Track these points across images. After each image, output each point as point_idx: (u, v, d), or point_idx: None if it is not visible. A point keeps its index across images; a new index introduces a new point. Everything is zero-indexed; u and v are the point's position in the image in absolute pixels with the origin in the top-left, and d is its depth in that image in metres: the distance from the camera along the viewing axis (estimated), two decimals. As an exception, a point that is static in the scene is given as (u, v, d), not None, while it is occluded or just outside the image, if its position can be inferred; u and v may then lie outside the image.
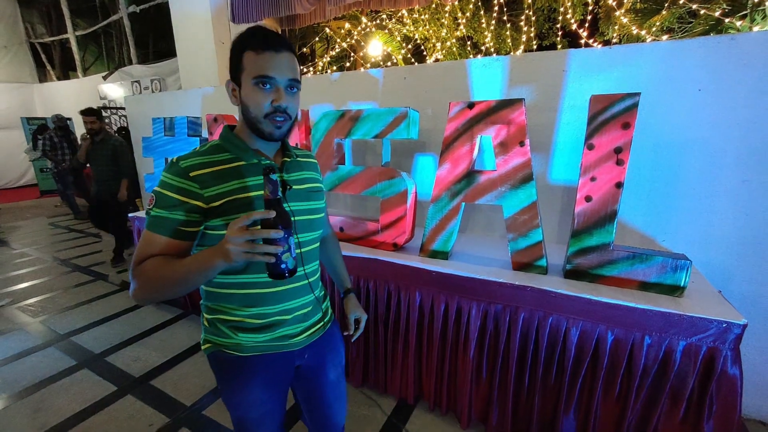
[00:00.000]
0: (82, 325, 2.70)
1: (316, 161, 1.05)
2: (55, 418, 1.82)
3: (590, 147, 1.42)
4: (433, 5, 5.98)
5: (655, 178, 1.78)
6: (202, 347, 0.96)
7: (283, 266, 0.72)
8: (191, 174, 0.79)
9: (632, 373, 1.35)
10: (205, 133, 2.71)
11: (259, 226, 0.70)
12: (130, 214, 2.91)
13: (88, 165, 3.69)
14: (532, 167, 1.54)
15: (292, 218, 0.80)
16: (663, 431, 1.35)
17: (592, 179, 1.43)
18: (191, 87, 4.46)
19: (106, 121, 6.42)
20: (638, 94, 1.34)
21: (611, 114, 1.38)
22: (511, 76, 1.98)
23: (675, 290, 1.38)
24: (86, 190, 5.93)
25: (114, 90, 7.31)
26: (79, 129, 8.07)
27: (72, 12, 8.21)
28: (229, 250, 0.69)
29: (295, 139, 2.13)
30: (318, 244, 1.00)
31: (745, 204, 1.64)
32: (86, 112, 3.45)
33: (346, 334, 1.12)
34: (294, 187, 0.90)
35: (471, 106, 1.61)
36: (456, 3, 5.70)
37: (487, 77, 2.05)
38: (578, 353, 1.43)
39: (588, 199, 1.45)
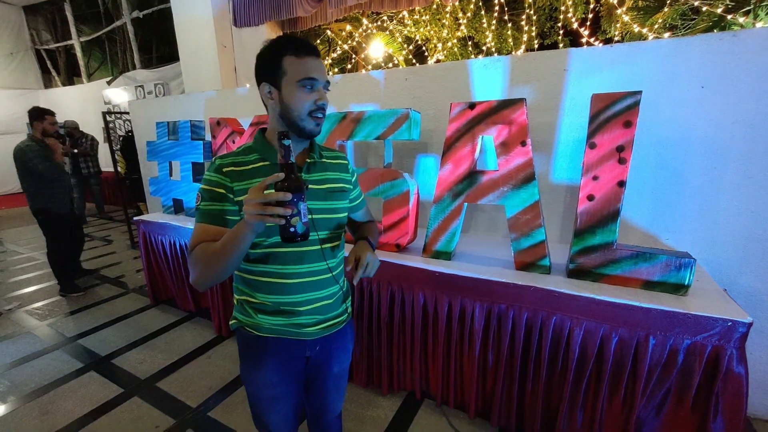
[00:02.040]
0: (89, 328, 2.73)
1: (346, 162, 1.09)
2: (63, 421, 1.84)
3: (592, 146, 1.42)
4: (434, 6, 5.99)
5: (658, 176, 1.77)
6: (230, 323, 1.06)
7: (292, 230, 0.75)
8: (224, 170, 0.90)
9: (637, 372, 1.35)
10: (208, 137, 2.73)
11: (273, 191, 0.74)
12: (134, 218, 2.93)
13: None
14: (534, 167, 1.54)
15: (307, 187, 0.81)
16: (669, 430, 1.34)
17: (595, 178, 1.43)
18: (194, 91, 4.49)
19: (111, 126, 6.47)
20: (639, 92, 1.34)
21: (613, 112, 1.37)
22: (512, 76, 1.98)
23: (679, 289, 1.37)
24: (95, 196, 6.00)
25: (118, 95, 7.37)
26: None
27: (76, 18, 8.28)
28: (245, 212, 0.74)
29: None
30: (339, 242, 1.04)
31: (750, 201, 1.63)
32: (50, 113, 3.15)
33: (348, 269, 1.02)
34: (312, 186, 0.95)
35: (472, 106, 1.61)
36: (457, 3, 5.70)
37: (488, 77, 2.05)
38: (582, 353, 1.43)
39: (590, 198, 1.44)
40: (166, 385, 2.09)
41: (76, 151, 5.45)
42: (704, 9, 3.95)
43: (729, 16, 3.54)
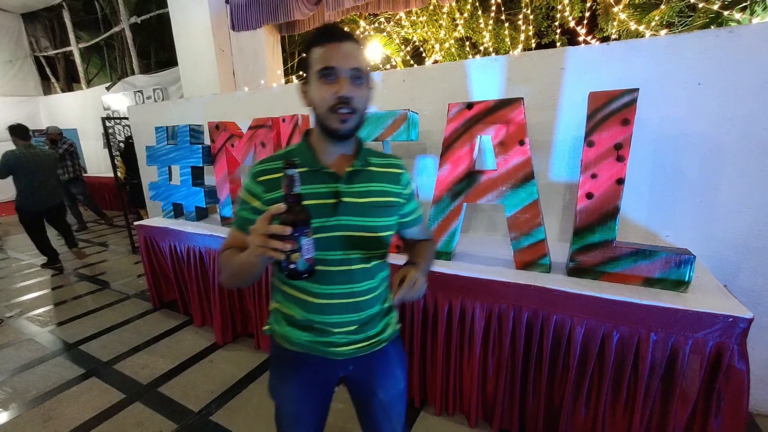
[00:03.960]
0: (90, 333, 2.73)
1: (400, 171, 0.94)
2: (66, 427, 1.84)
3: (590, 144, 1.42)
4: (431, 7, 6.00)
5: (657, 174, 1.77)
6: (264, 328, 1.01)
7: (292, 266, 0.68)
8: (258, 179, 0.85)
9: (639, 369, 1.34)
10: (207, 141, 2.73)
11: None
12: (135, 223, 2.93)
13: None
14: (533, 166, 1.54)
15: (313, 220, 0.74)
16: (671, 427, 1.34)
17: (593, 176, 1.43)
18: (193, 95, 4.50)
19: (110, 131, 6.47)
20: (637, 89, 1.34)
21: (610, 110, 1.38)
22: (510, 76, 1.99)
23: (680, 285, 1.37)
24: (93, 203, 5.99)
25: (117, 100, 7.39)
26: (84, 140, 8.19)
27: (75, 25, 8.30)
28: (250, 242, 0.70)
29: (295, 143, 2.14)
30: (375, 263, 0.90)
31: (749, 196, 1.63)
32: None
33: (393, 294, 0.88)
34: (348, 199, 0.84)
35: (470, 106, 1.62)
36: (454, 4, 5.71)
37: (486, 77, 2.05)
38: (584, 351, 1.43)
39: (589, 196, 1.45)
40: (168, 390, 2.09)
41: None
42: (701, 6, 3.95)
43: (726, 13, 3.55)
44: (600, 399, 1.43)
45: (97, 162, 8.24)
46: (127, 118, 4.26)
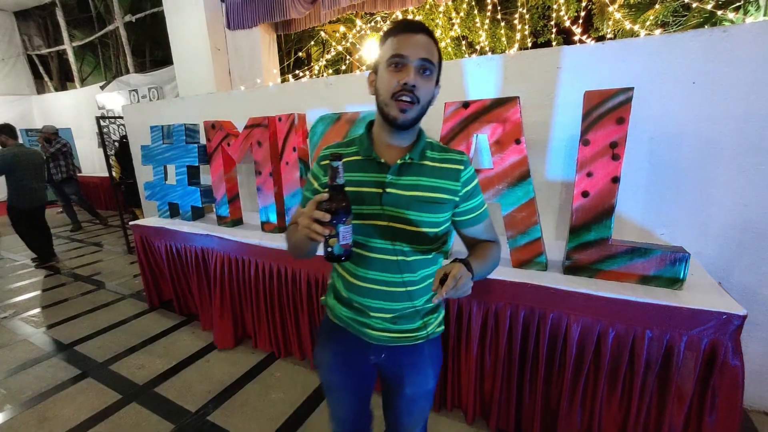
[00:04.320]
0: (86, 334, 2.71)
1: (459, 168, 0.90)
2: (61, 428, 1.83)
3: (586, 143, 1.43)
4: (427, 6, 6.00)
5: (652, 172, 1.78)
6: (321, 298, 1.11)
7: (329, 249, 0.76)
8: (321, 163, 0.94)
9: (634, 366, 1.36)
10: (202, 140, 2.72)
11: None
12: (131, 222, 2.92)
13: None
14: (529, 164, 1.54)
15: (351, 208, 0.77)
16: (666, 424, 1.35)
17: (589, 175, 1.44)
18: (188, 94, 4.48)
19: (105, 130, 6.43)
20: (632, 88, 1.35)
21: (606, 109, 1.38)
22: (506, 75, 1.99)
23: (674, 283, 1.38)
24: (87, 203, 5.95)
25: (112, 99, 7.33)
26: (78, 139, 8.12)
27: (68, 23, 8.23)
28: (299, 222, 0.77)
29: (292, 142, 2.14)
30: (417, 258, 0.90)
31: (742, 195, 1.64)
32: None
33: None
34: (392, 190, 0.86)
35: (466, 105, 1.62)
36: (450, 3, 5.72)
37: (482, 76, 2.06)
38: (580, 348, 1.44)
39: (585, 194, 1.45)
40: (165, 390, 2.08)
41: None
42: (695, 5, 3.98)
43: (719, 12, 3.57)
44: (596, 396, 1.44)
45: (91, 161, 8.18)
46: (121, 117, 4.23)
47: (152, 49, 9.08)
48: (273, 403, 1.96)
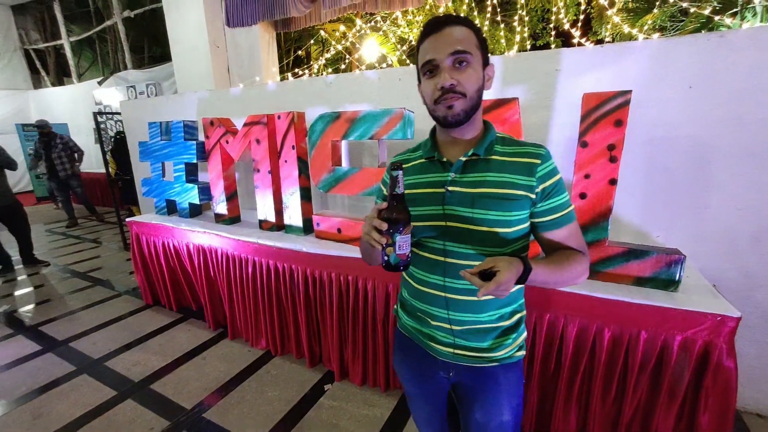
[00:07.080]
0: (81, 330, 2.69)
1: (535, 162, 0.81)
2: (55, 424, 1.82)
3: (584, 145, 1.44)
4: (427, 6, 6.01)
5: (649, 175, 1.80)
6: (394, 307, 1.11)
7: (385, 258, 0.77)
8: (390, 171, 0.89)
9: (629, 367, 1.37)
10: (201, 137, 2.71)
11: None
12: (127, 219, 2.90)
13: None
14: (527, 165, 1.55)
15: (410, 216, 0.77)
16: (660, 425, 1.36)
17: (586, 176, 1.45)
18: (187, 91, 4.46)
19: (102, 126, 6.40)
20: (630, 91, 1.36)
21: (604, 111, 1.39)
22: (505, 76, 2.00)
23: (670, 285, 1.39)
24: (84, 199, 5.91)
25: (109, 95, 7.30)
26: (75, 135, 8.07)
27: (66, 18, 8.19)
28: (362, 228, 0.78)
29: (291, 141, 2.13)
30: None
31: (737, 198, 1.66)
32: None
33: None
34: (454, 188, 0.82)
35: (465, 106, 1.62)
36: (450, 4, 5.73)
37: (482, 77, 2.06)
38: (576, 349, 1.45)
39: (582, 196, 1.46)
40: (161, 387, 2.08)
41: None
42: (692, 11, 4.01)
43: (716, 18, 3.60)
44: (591, 396, 1.45)
45: (88, 157, 8.11)
46: (119, 113, 4.21)
47: (151, 45, 9.04)
48: (269, 400, 1.96)
